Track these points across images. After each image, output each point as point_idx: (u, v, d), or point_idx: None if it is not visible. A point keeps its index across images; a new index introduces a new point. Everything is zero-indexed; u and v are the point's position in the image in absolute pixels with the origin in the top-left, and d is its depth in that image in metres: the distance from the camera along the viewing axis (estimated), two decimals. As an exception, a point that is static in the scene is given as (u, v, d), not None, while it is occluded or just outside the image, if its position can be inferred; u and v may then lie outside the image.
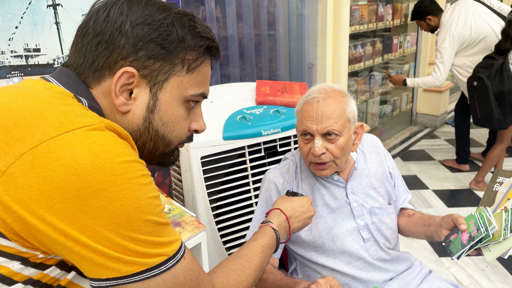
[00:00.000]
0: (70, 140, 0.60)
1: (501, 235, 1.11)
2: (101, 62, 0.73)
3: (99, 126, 0.64)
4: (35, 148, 0.59)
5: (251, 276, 0.87)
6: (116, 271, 0.62)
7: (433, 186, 3.62)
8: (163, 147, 0.81)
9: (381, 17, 4.02)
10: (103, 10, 0.74)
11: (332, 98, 1.25)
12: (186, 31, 0.75)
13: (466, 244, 1.16)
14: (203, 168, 1.71)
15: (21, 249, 0.62)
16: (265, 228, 1.03)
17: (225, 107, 1.89)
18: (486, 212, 1.17)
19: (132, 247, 0.62)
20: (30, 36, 1.50)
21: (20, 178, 0.58)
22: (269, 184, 1.36)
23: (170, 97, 0.77)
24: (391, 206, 1.40)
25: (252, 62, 2.81)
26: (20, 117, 0.62)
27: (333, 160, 1.26)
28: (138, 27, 0.72)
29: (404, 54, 4.72)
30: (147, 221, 0.64)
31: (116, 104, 0.74)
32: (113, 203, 0.60)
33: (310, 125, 1.24)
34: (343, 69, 3.39)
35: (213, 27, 2.53)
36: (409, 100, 5.13)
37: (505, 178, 1.23)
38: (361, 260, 1.33)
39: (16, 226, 0.59)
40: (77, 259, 0.62)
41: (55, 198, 0.58)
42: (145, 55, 0.73)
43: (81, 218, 0.59)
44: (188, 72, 0.77)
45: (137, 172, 0.64)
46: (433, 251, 2.73)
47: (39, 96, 0.67)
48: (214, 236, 1.81)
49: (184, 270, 0.69)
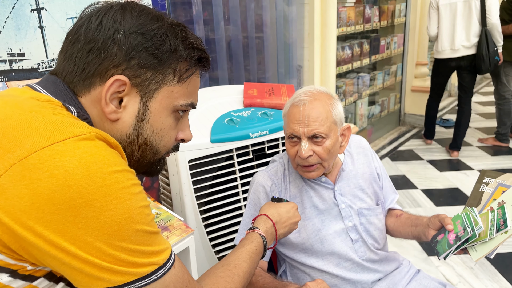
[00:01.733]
0: (61, 151, 0.60)
1: (487, 235, 1.13)
2: (92, 70, 0.72)
3: (90, 136, 0.63)
4: (25, 159, 0.59)
5: (239, 283, 0.87)
6: (107, 282, 0.62)
7: (422, 186, 3.65)
8: (151, 156, 0.80)
9: (368, 19, 4.05)
10: (96, 18, 0.73)
11: (318, 101, 1.25)
12: (178, 42, 0.76)
13: (453, 244, 1.16)
14: (191, 172, 1.70)
15: (9, 261, 0.61)
16: (252, 234, 1.03)
17: (212, 110, 1.88)
18: (473, 212, 1.18)
19: (123, 257, 0.62)
20: (13, 41, 1.48)
21: (10, 190, 0.58)
22: (257, 187, 1.36)
23: (160, 107, 0.77)
24: (379, 206, 1.40)
25: (240, 64, 2.81)
26: (9, 127, 0.62)
27: (320, 162, 1.26)
28: (131, 36, 0.72)
29: (392, 55, 4.76)
30: (138, 231, 0.64)
31: (105, 112, 0.73)
32: (105, 214, 0.60)
33: (297, 128, 1.24)
34: (331, 71, 3.41)
35: (200, 30, 2.53)
36: (397, 100, 5.17)
37: (491, 178, 1.24)
38: (350, 261, 1.34)
39: (6, 238, 0.59)
40: (68, 271, 0.61)
41: (45, 209, 0.57)
42: (137, 64, 0.73)
43: (72, 229, 0.59)
44: (179, 82, 0.77)
45: (128, 182, 0.64)
46: (422, 250, 2.75)
47: (27, 106, 0.66)
48: (203, 240, 1.80)
49: (174, 279, 0.69)
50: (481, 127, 5.15)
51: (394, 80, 4.94)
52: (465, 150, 4.42)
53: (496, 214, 1.14)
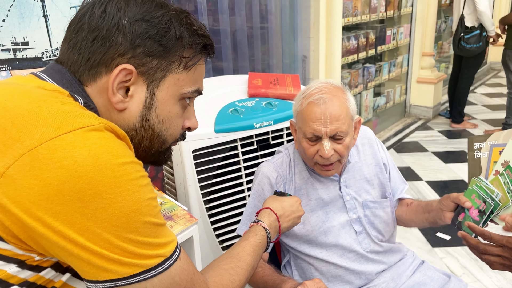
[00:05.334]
0: (70, 141, 0.59)
1: (509, 199, 1.08)
2: (97, 59, 0.71)
3: (98, 127, 0.63)
4: (34, 149, 0.58)
5: (243, 276, 0.88)
6: (114, 273, 0.62)
7: (427, 177, 3.63)
8: (158, 145, 0.80)
9: (374, 9, 4.01)
10: (99, 5, 0.72)
11: (336, 98, 1.22)
12: (183, 29, 0.75)
13: (479, 221, 1.12)
14: (195, 162, 1.70)
15: (18, 251, 0.61)
16: (256, 228, 1.03)
17: (216, 99, 1.87)
18: (482, 182, 1.13)
19: (130, 249, 0.62)
20: (17, 29, 1.48)
21: (19, 180, 0.57)
22: (262, 178, 1.36)
23: (167, 95, 0.76)
24: (386, 199, 1.39)
25: (245, 55, 2.79)
26: (18, 116, 0.61)
27: (338, 159, 1.25)
28: (136, 24, 0.71)
29: (398, 46, 4.72)
30: (146, 223, 0.64)
31: (112, 102, 0.73)
32: (113, 205, 0.60)
33: (318, 127, 1.20)
34: (336, 61, 3.38)
35: (205, 20, 2.51)
36: (403, 92, 5.13)
37: (482, 142, 1.19)
38: (353, 253, 1.33)
39: (15, 228, 0.59)
40: (76, 261, 0.61)
41: (55, 200, 0.58)
42: (143, 52, 0.72)
43: (80, 220, 0.59)
44: (185, 69, 0.77)
45: (137, 174, 0.64)
46: (426, 241, 2.75)
47: (35, 95, 0.66)
48: (207, 230, 1.81)
49: (180, 271, 0.70)
50: (488, 118, 5.11)
51: (400, 71, 4.90)
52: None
53: (505, 175, 1.10)
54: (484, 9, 4.15)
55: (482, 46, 4.34)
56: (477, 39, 4.30)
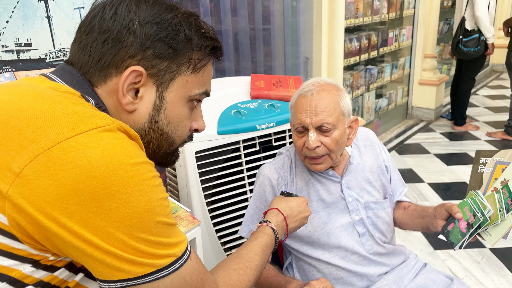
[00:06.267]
0: (85, 142, 0.60)
1: (498, 217, 1.10)
2: (107, 60, 0.72)
3: (111, 127, 0.64)
4: (49, 150, 0.59)
5: (252, 276, 0.88)
6: (127, 273, 0.63)
7: (429, 180, 3.63)
8: (167, 147, 0.81)
9: (376, 10, 4.01)
10: (110, 7, 0.73)
11: (326, 91, 1.24)
12: (193, 31, 0.76)
13: (466, 233, 1.14)
14: (198, 163, 1.70)
15: (32, 251, 0.62)
16: (264, 228, 1.04)
17: (219, 101, 1.87)
18: (478, 196, 1.15)
19: (143, 249, 0.63)
20: (21, 31, 1.48)
21: (35, 180, 0.58)
22: (263, 180, 1.36)
23: (176, 97, 0.77)
24: (386, 200, 1.39)
25: (247, 56, 2.79)
26: (33, 117, 0.62)
27: (327, 153, 1.25)
28: (146, 26, 0.72)
29: (400, 48, 4.72)
30: (158, 222, 0.64)
31: (122, 103, 0.74)
32: (127, 205, 0.61)
33: (304, 118, 1.23)
34: (338, 63, 3.38)
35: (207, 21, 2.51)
36: (405, 93, 5.13)
37: (488, 158, 1.20)
38: (356, 255, 1.33)
39: (30, 228, 0.59)
40: (89, 261, 0.62)
41: (69, 200, 0.58)
42: (153, 54, 0.73)
43: (95, 220, 0.59)
44: (193, 72, 0.78)
45: (149, 174, 0.64)
46: (428, 244, 2.74)
47: (49, 96, 0.66)
48: (210, 231, 1.81)
49: (191, 271, 0.70)
50: (490, 121, 5.10)
51: (402, 73, 4.90)
52: (473, 144, 4.39)
53: (502, 194, 1.11)
54: (481, 15, 4.16)
55: (480, 50, 4.33)
56: (476, 43, 4.30)
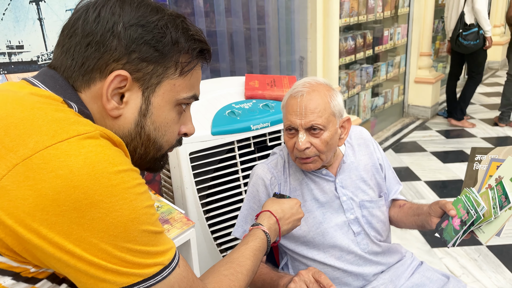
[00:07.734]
0: (65, 150, 0.58)
1: (492, 214, 1.10)
2: (91, 65, 0.70)
3: (94, 134, 0.62)
4: (28, 159, 0.57)
5: (243, 281, 0.87)
6: (113, 284, 0.61)
7: (425, 178, 3.63)
8: (154, 152, 0.79)
9: (371, 9, 4.01)
10: (93, 10, 0.71)
11: (316, 92, 1.23)
12: (179, 34, 0.74)
13: (459, 230, 1.14)
14: (192, 164, 1.69)
15: (12, 263, 0.60)
16: (256, 231, 1.02)
17: (213, 101, 1.87)
18: (472, 193, 1.15)
19: (128, 258, 0.61)
20: (12, 33, 1.47)
21: (13, 191, 0.56)
22: (256, 180, 1.35)
23: (163, 101, 0.75)
24: (381, 198, 1.39)
25: (242, 56, 2.79)
26: (11, 125, 0.60)
27: (317, 155, 1.24)
28: (131, 29, 0.70)
29: (395, 46, 4.72)
30: (144, 231, 0.63)
31: (107, 109, 0.71)
32: (111, 215, 0.59)
33: (294, 119, 1.22)
34: (333, 62, 3.38)
35: (202, 22, 2.51)
36: (401, 92, 5.13)
37: (483, 155, 1.20)
38: (352, 254, 1.33)
39: (9, 240, 0.58)
40: (73, 273, 0.60)
41: (50, 211, 0.56)
42: (138, 58, 0.70)
43: (77, 231, 0.57)
44: (181, 75, 0.75)
45: (133, 182, 0.62)
46: (425, 242, 2.74)
47: (28, 102, 0.64)
48: (205, 233, 1.80)
49: (179, 279, 0.68)
50: (486, 118, 5.12)
51: (397, 71, 4.90)
52: (469, 141, 4.39)
53: (495, 191, 1.11)
54: (480, 8, 4.21)
55: (480, 43, 4.39)
56: (475, 36, 4.35)
